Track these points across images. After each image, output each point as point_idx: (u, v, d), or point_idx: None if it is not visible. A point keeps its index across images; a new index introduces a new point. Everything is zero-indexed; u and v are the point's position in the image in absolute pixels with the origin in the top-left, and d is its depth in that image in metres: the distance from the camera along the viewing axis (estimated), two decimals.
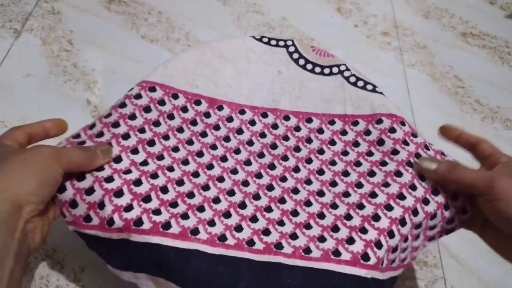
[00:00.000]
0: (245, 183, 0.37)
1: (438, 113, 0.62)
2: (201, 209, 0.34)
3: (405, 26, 0.73)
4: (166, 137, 0.38)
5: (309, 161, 0.39)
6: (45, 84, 0.60)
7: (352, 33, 0.71)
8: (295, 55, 0.45)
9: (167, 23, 0.69)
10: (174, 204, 0.34)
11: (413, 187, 0.36)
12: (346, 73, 0.44)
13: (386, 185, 0.36)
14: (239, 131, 0.41)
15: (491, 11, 0.77)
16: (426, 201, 0.36)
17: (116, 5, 0.71)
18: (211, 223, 0.34)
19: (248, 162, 0.39)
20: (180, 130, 0.39)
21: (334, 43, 0.69)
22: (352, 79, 0.44)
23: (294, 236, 0.34)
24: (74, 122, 0.57)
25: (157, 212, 0.33)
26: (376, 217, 0.34)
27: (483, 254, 0.50)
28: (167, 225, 0.32)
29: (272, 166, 0.39)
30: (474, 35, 0.73)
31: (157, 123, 0.39)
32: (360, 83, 0.43)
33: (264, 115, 0.42)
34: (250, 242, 0.33)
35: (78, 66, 0.62)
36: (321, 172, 0.38)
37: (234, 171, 0.38)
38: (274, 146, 0.40)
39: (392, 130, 0.40)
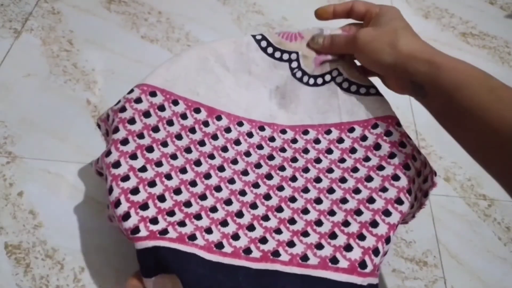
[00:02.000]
0: (242, 193, 0.37)
1: None
2: (198, 217, 0.34)
3: None
4: (164, 144, 0.38)
5: (306, 170, 0.39)
6: (45, 84, 0.60)
7: None
8: (295, 70, 0.44)
9: (167, 23, 0.69)
10: (171, 213, 0.34)
11: (409, 191, 0.36)
12: (339, 79, 0.43)
13: (384, 190, 0.36)
14: (237, 142, 0.41)
15: (491, 11, 0.77)
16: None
17: (116, 5, 0.71)
18: (208, 230, 0.34)
19: (245, 172, 0.39)
20: (179, 137, 0.39)
21: None
22: (345, 85, 0.43)
23: (291, 244, 0.34)
24: (74, 122, 0.57)
25: (154, 221, 0.33)
26: (374, 223, 0.34)
27: (483, 254, 0.50)
28: (164, 232, 0.33)
29: (269, 176, 0.39)
30: (474, 35, 0.73)
31: (156, 129, 0.39)
32: (353, 88, 0.42)
33: (261, 128, 0.42)
34: (247, 250, 0.33)
35: (78, 66, 0.62)
36: (318, 180, 0.38)
37: (231, 181, 0.38)
38: (271, 157, 0.40)
39: (388, 133, 0.40)
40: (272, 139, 0.42)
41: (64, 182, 0.51)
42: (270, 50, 0.44)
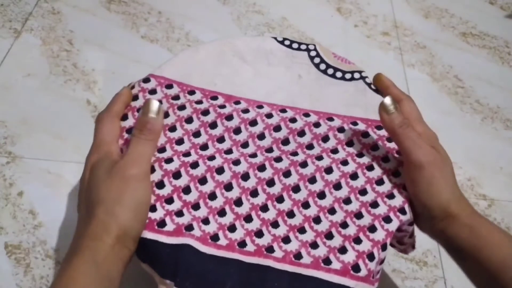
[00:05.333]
0: (245, 176, 0.36)
1: (438, 113, 0.62)
2: (196, 207, 0.34)
3: (405, 26, 0.73)
4: (172, 129, 0.38)
5: (319, 157, 0.38)
6: (45, 84, 0.60)
7: (352, 33, 0.71)
8: (317, 60, 0.44)
9: (167, 23, 0.69)
10: (169, 200, 0.34)
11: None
12: (368, 80, 0.43)
13: (391, 196, 0.36)
14: (253, 123, 0.39)
15: (491, 11, 0.77)
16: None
17: (116, 5, 0.71)
18: (205, 221, 0.34)
19: (253, 155, 0.38)
20: (189, 120, 0.39)
21: (334, 43, 0.69)
22: (374, 86, 0.42)
23: (286, 240, 0.33)
24: (74, 122, 0.57)
25: (152, 208, 0.33)
26: (373, 228, 0.34)
27: None
28: (162, 223, 0.33)
29: (278, 159, 0.38)
30: (474, 35, 0.73)
31: (165, 114, 0.38)
32: None
33: (283, 110, 0.41)
34: (242, 244, 0.33)
35: (78, 66, 0.62)
36: (329, 170, 0.37)
37: (237, 162, 0.37)
38: (285, 142, 0.39)
39: None
40: (293, 120, 0.40)
41: (64, 182, 0.51)
42: (287, 42, 0.45)
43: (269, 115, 0.40)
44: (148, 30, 0.68)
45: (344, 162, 0.38)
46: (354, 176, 0.37)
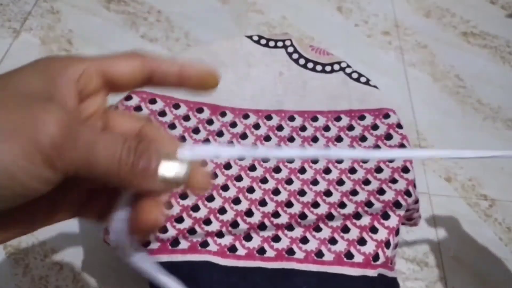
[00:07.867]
0: (250, 190, 0.37)
1: (439, 113, 0.62)
2: (207, 222, 0.34)
3: (405, 25, 0.72)
4: None
5: (315, 160, 0.39)
6: None
7: (353, 33, 0.71)
8: (295, 55, 0.45)
9: (167, 23, 0.69)
10: (179, 219, 0.34)
11: (415, 185, 0.36)
12: (348, 70, 0.44)
13: (394, 181, 0.37)
14: (243, 136, 0.41)
15: (492, 10, 0.77)
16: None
17: (115, 4, 0.71)
18: (219, 234, 0.34)
19: (252, 168, 0.39)
20: (182, 139, 0.39)
21: (334, 42, 0.69)
22: (355, 75, 0.44)
23: (304, 240, 0.34)
24: None
25: (163, 229, 0.33)
26: (386, 215, 0.34)
27: (483, 254, 0.49)
28: (175, 242, 0.33)
29: (277, 170, 0.39)
30: (475, 35, 0.73)
31: None
32: (363, 79, 0.43)
33: (269, 117, 0.42)
34: (261, 250, 0.33)
35: None
36: (327, 171, 0.38)
37: (239, 178, 0.38)
38: None
39: (399, 126, 0.40)
40: (280, 128, 0.41)
41: None
42: (263, 41, 0.46)
43: (256, 126, 0.41)
44: (147, 30, 0.67)
45: (339, 160, 0.39)
46: (352, 171, 0.38)
